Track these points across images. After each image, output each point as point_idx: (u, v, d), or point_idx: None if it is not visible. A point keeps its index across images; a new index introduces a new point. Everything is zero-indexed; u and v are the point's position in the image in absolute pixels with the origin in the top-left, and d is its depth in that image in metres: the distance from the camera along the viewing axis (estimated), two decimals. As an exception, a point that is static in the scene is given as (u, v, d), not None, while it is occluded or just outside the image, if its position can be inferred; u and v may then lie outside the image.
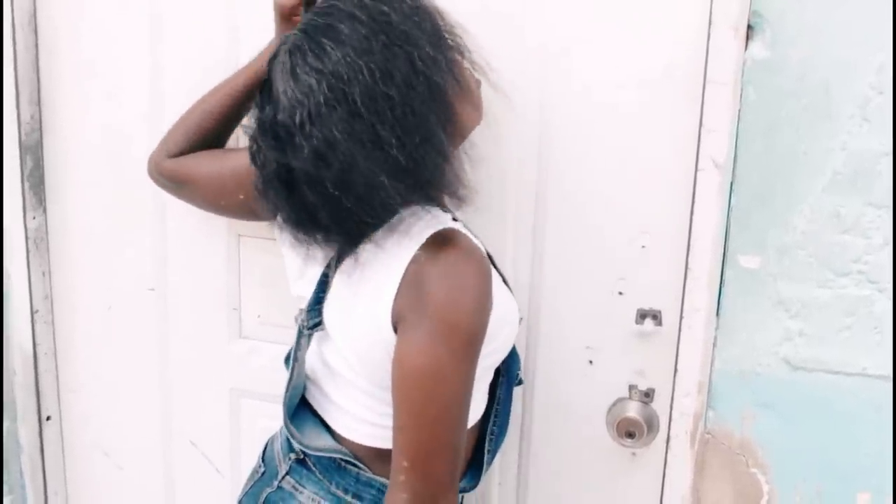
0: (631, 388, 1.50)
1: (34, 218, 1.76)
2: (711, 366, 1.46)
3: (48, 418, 1.86)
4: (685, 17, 1.37)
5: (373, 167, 1.07)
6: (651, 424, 1.49)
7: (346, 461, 1.28)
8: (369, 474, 1.28)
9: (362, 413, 1.27)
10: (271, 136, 1.10)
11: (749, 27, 1.33)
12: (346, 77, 1.06)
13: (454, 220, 1.24)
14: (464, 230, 1.21)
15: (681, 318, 1.44)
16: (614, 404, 1.52)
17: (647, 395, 1.50)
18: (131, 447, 1.86)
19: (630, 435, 1.49)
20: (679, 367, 1.46)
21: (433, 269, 1.13)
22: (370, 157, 1.07)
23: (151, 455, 1.85)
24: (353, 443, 1.29)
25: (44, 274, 1.80)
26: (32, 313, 1.79)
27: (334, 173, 1.07)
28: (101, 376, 1.84)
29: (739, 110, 1.36)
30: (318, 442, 1.31)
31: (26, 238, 1.75)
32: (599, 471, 1.56)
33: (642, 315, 1.47)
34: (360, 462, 1.28)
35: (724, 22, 1.33)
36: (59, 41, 1.70)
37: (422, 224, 1.19)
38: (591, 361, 1.52)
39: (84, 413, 1.87)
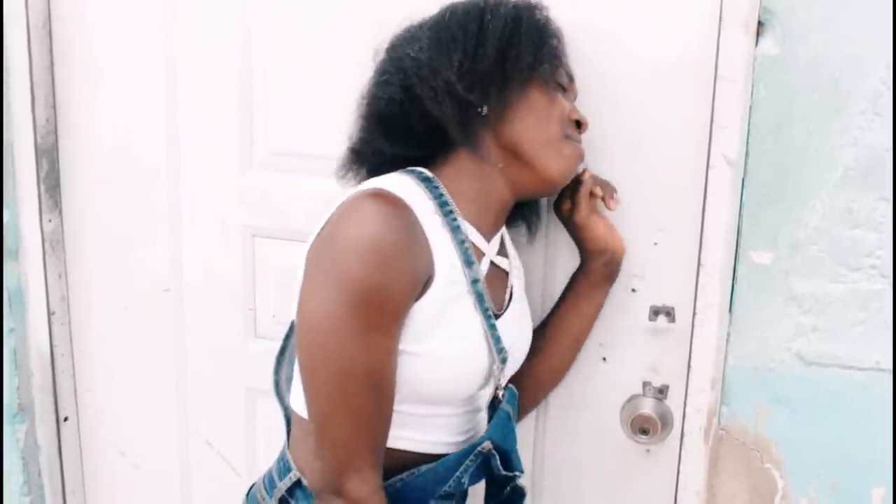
0: (645, 384, 1.51)
1: (50, 220, 1.77)
2: (725, 362, 1.46)
3: (65, 419, 1.88)
4: (696, 13, 1.37)
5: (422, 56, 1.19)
6: (665, 421, 1.50)
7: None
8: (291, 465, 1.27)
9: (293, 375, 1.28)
10: None
11: (759, 23, 1.34)
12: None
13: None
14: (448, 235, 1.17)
15: (694, 314, 1.44)
16: (628, 401, 1.52)
17: (661, 392, 1.50)
18: (148, 447, 1.88)
19: (644, 431, 1.49)
20: (692, 363, 1.46)
21: (348, 211, 1.08)
22: (425, 48, 1.20)
23: (168, 454, 1.86)
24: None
25: (60, 276, 1.82)
26: (49, 315, 1.81)
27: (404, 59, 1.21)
28: (118, 377, 1.85)
29: (750, 107, 1.37)
30: (286, 397, 1.35)
31: (42, 240, 1.77)
32: (614, 467, 1.56)
33: (655, 312, 1.47)
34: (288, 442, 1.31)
35: (735, 18, 1.33)
36: (72, 44, 1.71)
37: (392, 181, 1.18)
38: (604, 359, 1.52)
39: (101, 413, 1.89)
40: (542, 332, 1.46)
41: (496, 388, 1.22)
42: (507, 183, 1.25)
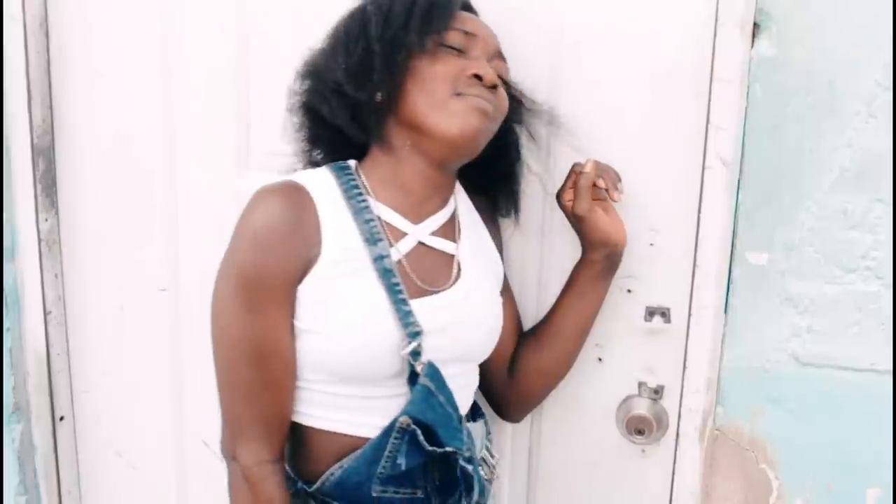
0: (640, 385, 1.51)
1: (46, 220, 1.77)
2: (720, 362, 1.46)
3: (62, 419, 1.88)
4: (692, 15, 1.37)
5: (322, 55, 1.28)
6: (660, 421, 1.50)
7: None
8: None
9: None
10: None
11: (755, 25, 1.34)
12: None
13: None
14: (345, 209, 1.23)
15: (689, 315, 1.45)
16: (624, 401, 1.52)
17: (657, 393, 1.50)
18: (144, 447, 1.87)
19: (640, 432, 1.49)
20: (688, 364, 1.46)
21: (247, 203, 1.20)
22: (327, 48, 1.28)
23: (164, 455, 1.86)
24: None
25: (56, 276, 1.81)
26: (45, 315, 1.81)
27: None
28: (114, 377, 1.85)
29: (746, 108, 1.37)
30: None
31: (39, 240, 1.77)
32: (609, 468, 1.57)
33: (651, 312, 1.48)
34: None
35: (731, 20, 1.33)
36: (69, 44, 1.71)
37: (304, 173, 1.27)
38: (600, 359, 1.52)
39: (97, 413, 1.89)
40: (546, 324, 1.46)
41: (412, 364, 1.19)
42: (421, 158, 1.26)
